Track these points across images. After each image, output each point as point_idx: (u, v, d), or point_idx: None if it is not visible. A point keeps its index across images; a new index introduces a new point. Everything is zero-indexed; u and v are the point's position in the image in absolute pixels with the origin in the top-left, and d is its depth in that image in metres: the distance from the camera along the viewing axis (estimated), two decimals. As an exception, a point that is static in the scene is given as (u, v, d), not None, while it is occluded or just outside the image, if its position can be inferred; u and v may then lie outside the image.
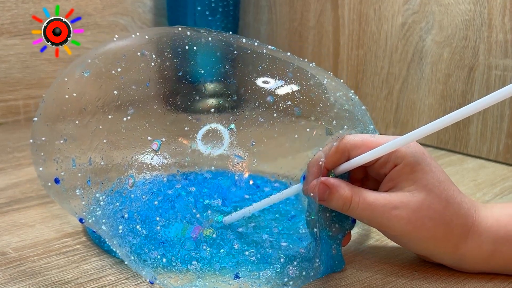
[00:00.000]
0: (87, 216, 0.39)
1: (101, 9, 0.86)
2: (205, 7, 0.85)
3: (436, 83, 0.70)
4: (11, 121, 0.80)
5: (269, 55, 0.43)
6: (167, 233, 0.42)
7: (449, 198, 0.37)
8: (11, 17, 0.78)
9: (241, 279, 0.37)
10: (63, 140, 0.40)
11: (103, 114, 0.40)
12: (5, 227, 0.45)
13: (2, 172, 0.59)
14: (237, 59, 0.43)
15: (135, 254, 0.39)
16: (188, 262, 0.39)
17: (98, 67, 0.41)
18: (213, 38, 0.43)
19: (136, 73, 0.41)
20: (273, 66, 0.42)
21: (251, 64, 0.42)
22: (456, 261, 0.39)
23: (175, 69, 0.41)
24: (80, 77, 0.41)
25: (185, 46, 0.42)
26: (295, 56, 0.45)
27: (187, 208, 0.47)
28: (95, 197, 0.40)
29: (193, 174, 0.55)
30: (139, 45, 0.42)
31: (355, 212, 0.37)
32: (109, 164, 0.40)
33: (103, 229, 0.38)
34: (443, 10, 0.68)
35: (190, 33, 0.43)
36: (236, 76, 0.42)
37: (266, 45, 0.44)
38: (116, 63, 0.40)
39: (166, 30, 0.45)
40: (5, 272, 0.38)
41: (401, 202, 0.37)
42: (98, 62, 0.42)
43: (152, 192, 0.43)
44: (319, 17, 0.83)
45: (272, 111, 0.40)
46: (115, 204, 0.39)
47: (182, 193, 0.50)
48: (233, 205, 0.48)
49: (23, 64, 0.80)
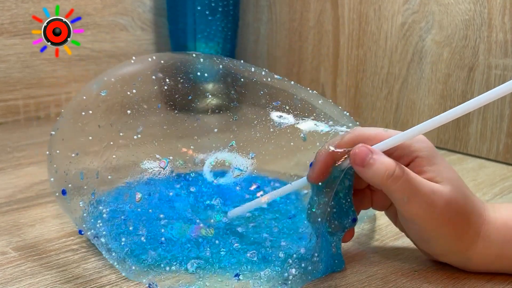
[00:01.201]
0: (86, 227, 0.40)
1: (101, 9, 0.86)
2: (205, 6, 0.85)
3: (436, 83, 0.70)
4: (11, 121, 0.80)
5: (272, 84, 0.46)
6: (167, 233, 0.42)
7: (466, 193, 0.36)
8: (10, 17, 0.78)
9: (241, 278, 0.37)
10: (75, 154, 0.42)
11: (115, 131, 0.42)
12: (5, 227, 0.45)
13: (2, 172, 0.59)
14: (243, 85, 0.46)
15: (134, 254, 0.39)
16: (188, 262, 0.39)
17: (115, 87, 0.45)
18: (224, 65, 0.47)
19: (149, 95, 0.44)
20: (274, 92, 0.45)
21: (254, 91, 0.45)
22: (464, 261, 0.38)
23: (185, 93, 0.44)
24: (97, 96, 0.44)
25: (197, 72, 0.46)
26: (299, 85, 0.47)
27: (187, 208, 0.47)
28: (99, 209, 0.41)
29: (193, 174, 0.56)
30: (154, 69, 0.46)
31: (395, 184, 0.34)
32: (116, 178, 0.42)
33: (102, 241, 0.39)
34: (443, 10, 0.68)
35: (203, 60, 0.47)
36: (239, 100, 0.46)
37: (273, 74, 0.46)
38: (132, 84, 0.44)
39: (181, 56, 0.50)
40: (5, 272, 0.38)
41: (437, 188, 0.35)
42: (115, 82, 0.45)
43: (154, 200, 0.44)
44: (319, 16, 0.83)
45: (270, 127, 0.43)
46: (120, 218, 0.40)
47: (182, 193, 0.50)
48: (233, 204, 0.48)
49: (23, 64, 0.80)
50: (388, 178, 0.34)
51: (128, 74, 0.47)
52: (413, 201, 0.35)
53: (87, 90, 0.46)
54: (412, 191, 0.35)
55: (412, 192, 0.35)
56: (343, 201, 0.39)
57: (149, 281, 0.37)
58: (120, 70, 0.48)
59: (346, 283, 0.38)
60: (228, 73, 0.47)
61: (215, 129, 0.44)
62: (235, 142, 0.43)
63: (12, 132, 0.75)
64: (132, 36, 0.91)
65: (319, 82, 0.84)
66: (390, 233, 0.45)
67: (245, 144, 0.42)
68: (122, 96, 0.44)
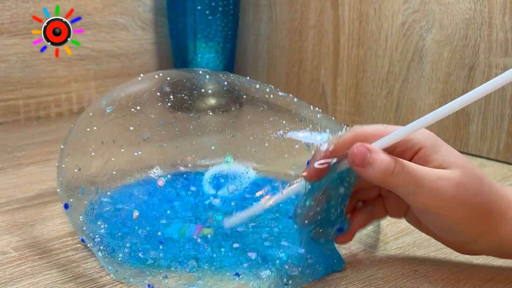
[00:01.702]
0: (87, 239, 0.41)
1: (101, 8, 0.86)
2: (205, 6, 0.85)
3: (437, 82, 0.70)
4: (11, 121, 0.80)
5: (274, 101, 0.47)
6: (167, 233, 0.42)
7: (479, 175, 0.36)
8: (11, 17, 0.78)
9: (242, 278, 0.37)
10: (78, 169, 0.43)
11: (117, 147, 0.43)
12: (5, 227, 0.45)
13: (2, 172, 0.59)
14: (246, 102, 0.47)
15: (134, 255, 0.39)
16: (188, 262, 0.39)
17: (120, 103, 0.46)
18: (229, 82, 0.48)
19: (153, 112, 0.45)
20: (275, 108, 0.47)
21: (255, 107, 0.47)
22: (496, 246, 0.36)
23: (187, 110, 0.45)
24: (103, 112, 0.45)
25: (201, 89, 0.47)
26: (302, 102, 0.48)
27: (187, 208, 0.47)
28: (97, 224, 0.41)
29: (193, 173, 0.56)
30: (160, 85, 0.47)
31: (399, 179, 0.34)
32: (115, 194, 0.44)
33: (100, 255, 0.39)
34: (443, 9, 0.68)
35: (208, 77, 0.48)
36: (237, 116, 0.47)
37: (277, 90, 0.47)
38: (137, 101, 0.45)
39: (187, 72, 0.51)
40: (5, 272, 0.38)
41: (443, 174, 0.34)
42: (121, 99, 0.47)
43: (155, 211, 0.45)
44: (319, 16, 0.83)
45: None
46: (117, 234, 0.40)
47: (182, 192, 0.50)
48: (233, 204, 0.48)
49: (23, 63, 0.80)
50: (389, 176, 0.34)
51: (134, 90, 0.48)
52: (419, 191, 0.34)
53: (95, 106, 0.47)
54: (416, 182, 0.34)
55: (416, 183, 0.34)
56: (333, 210, 0.38)
57: (148, 281, 0.37)
58: (128, 86, 0.49)
59: (346, 282, 0.38)
60: (232, 89, 0.48)
61: (212, 147, 0.46)
62: (230, 157, 0.44)
63: (12, 132, 0.75)
64: (132, 35, 0.91)
65: (319, 81, 0.84)
66: (391, 233, 0.45)
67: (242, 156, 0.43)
68: (126, 113, 0.45)
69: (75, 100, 0.87)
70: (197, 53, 0.88)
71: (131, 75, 0.92)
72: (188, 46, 0.88)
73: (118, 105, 0.46)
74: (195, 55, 0.89)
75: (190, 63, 0.89)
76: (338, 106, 0.83)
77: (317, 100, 0.85)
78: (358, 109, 0.80)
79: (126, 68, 0.92)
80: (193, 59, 0.89)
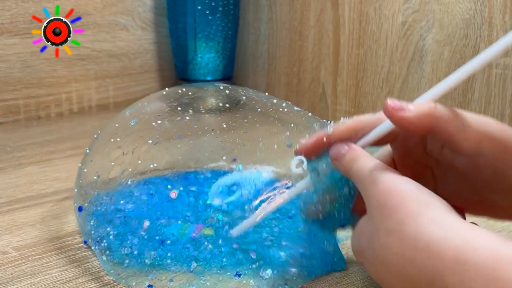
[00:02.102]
0: (93, 244, 0.41)
1: (101, 8, 0.86)
2: (205, 6, 0.85)
3: (437, 82, 0.70)
4: (11, 121, 0.80)
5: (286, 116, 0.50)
6: (167, 233, 0.42)
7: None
8: (11, 17, 0.78)
9: (242, 278, 0.37)
10: (96, 176, 0.45)
11: (135, 158, 0.45)
12: (6, 227, 0.45)
13: (2, 172, 0.59)
14: (259, 115, 0.49)
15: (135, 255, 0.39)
16: (188, 261, 0.39)
17: (144, 117, 0.49)
18: (247, 96, 0.51)
19: (172, 126, 0.48)
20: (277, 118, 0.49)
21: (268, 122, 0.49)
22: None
23: (204, 124, 0.48)
24: (127, 124, 0.48)
25: (219, 103, 0.50)
26: (310, 114, 0.50)
27: (188, 208, 0.47)
28: (106, 230, 0.42)
29: (194, 173, 0.56)
30: (180, 101, 0.50)
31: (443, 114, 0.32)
32: (127, 203, 0.45)
33: (104, 259, 0.39)
34: (444, 8, 0.68)
35: (228, 92, 0.50)
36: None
37: (293, 106, 0.49)
38: (158, 115, 0.48)
39: (209, 87, 0.54)
40: (5, 272, 0.38)
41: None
42: (145, 113, 0.49)
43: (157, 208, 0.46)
44: (319, 16, 0.83)
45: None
46: (126, 242, 0.41)
47: (183, 192, 0.50)
48: (233, 204, 0.48)
49: (23, 63, 0.80)
50: (434, 111, 0.32)
51: (157, 105, 0.51)
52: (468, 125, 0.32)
53: (120, 116, 0.49)
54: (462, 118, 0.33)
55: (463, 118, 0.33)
56: (337, 206, 0.37)
57: (149, 281, 0.37)
58: (152, 100, 0.52)
59: (346, 282, 0.38)
60: (250, 104, 0.50)
61: (224, 157, 0.48)
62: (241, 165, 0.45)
63: (13, 132, 0.75)
64: (133, 35, 0.91)
65: (320, 81, 0.84)
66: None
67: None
68: (147, 127, 0.47)
69: (75, 100, 0.87)
70: (197, 53, 0.88)
71: (131, 75, 0.92)
72: (188, 46, 0.88)
73: (141, 118, 0.48)
74: (195, 55, 0.89)
75: (190, 63, 0.89)
76: (338, 106, 0.83)
77: (317, 100, 0.85)
78: (359, 109, 0.80)
79: (126, 68, 0.92)
80: (193, 59, 0.89)
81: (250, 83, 0.96)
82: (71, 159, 0.63)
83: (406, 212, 0.28)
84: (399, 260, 0.28)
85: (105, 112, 0.89)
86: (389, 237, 0.28)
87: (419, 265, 0.27)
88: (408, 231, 0.28)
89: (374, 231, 0.30)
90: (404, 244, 0.28)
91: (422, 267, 0.27)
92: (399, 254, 0.28)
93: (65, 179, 0.56)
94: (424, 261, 0.27)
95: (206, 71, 0.90)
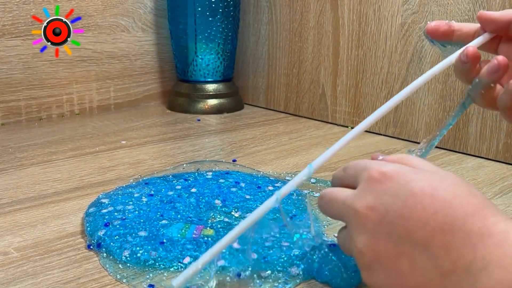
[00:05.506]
0: (94, 245, 0.42)
1: (102, 10, 0.87)
2: (205, 7, 0.85)
3: (436, 83, 0.70)
4: (12, 122, 0.81)
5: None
6: (168, 233, 0.42)
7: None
8: (12, 18, 0.78)
9: (242, 278, 0.37)
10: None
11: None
12: (7, 227, 0.45)
13: (3, 173, 0.59)
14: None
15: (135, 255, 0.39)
16: (189, 261, 0.39)
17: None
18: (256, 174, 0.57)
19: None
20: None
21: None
22: None
23: (213, 197, 0.50)
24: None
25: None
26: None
27: (188, 208, 0.47)
28: (107, 230, 0.43)
29: (194, 174, 0.56)
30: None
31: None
32: (128, 203, 0.48)
33: (105, 259, 0.40)
34: (443, 10, 0.68)
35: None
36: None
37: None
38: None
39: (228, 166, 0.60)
40: (7, 272, 0.38)
41: None
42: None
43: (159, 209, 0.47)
44: (319, 17, 0.83)
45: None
46: (127, 243, 0.41)
47: (183, 193, 0.50)
48: (234, 205, 0.48)
49: (25, 65, 0.80)
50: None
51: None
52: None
53: None
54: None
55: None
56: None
57: (150, 281, 0.37)
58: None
59: (345, 282, 0.38)
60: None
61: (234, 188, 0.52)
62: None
63: (14, 133, 0.76)
64: (133, 37, 0.92)
65: (319, 82, 0.85)
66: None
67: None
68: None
69: (76, 101, 0.87)
70: (197, 54, 0.89)
71: (132, 76, 0.93)
72: (189, 47, 0.89)
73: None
74: (196, 56, 0.89)
75: (190, 64, 0.90)
76: (338, 106, 0.83)
77: (317, 101, 0.85)
78: (358, 110, 0.80)
79: (127, 69, 0.92)
80: (193, 60, 0.89)
81: (250, 84, 0.96)
82: (72, 160, 0.63)
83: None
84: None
85: (106, 113, 0.89)
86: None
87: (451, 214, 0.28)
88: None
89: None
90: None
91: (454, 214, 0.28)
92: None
93: (66, 179, 0.57)
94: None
95: (206, 72, 0.90)
